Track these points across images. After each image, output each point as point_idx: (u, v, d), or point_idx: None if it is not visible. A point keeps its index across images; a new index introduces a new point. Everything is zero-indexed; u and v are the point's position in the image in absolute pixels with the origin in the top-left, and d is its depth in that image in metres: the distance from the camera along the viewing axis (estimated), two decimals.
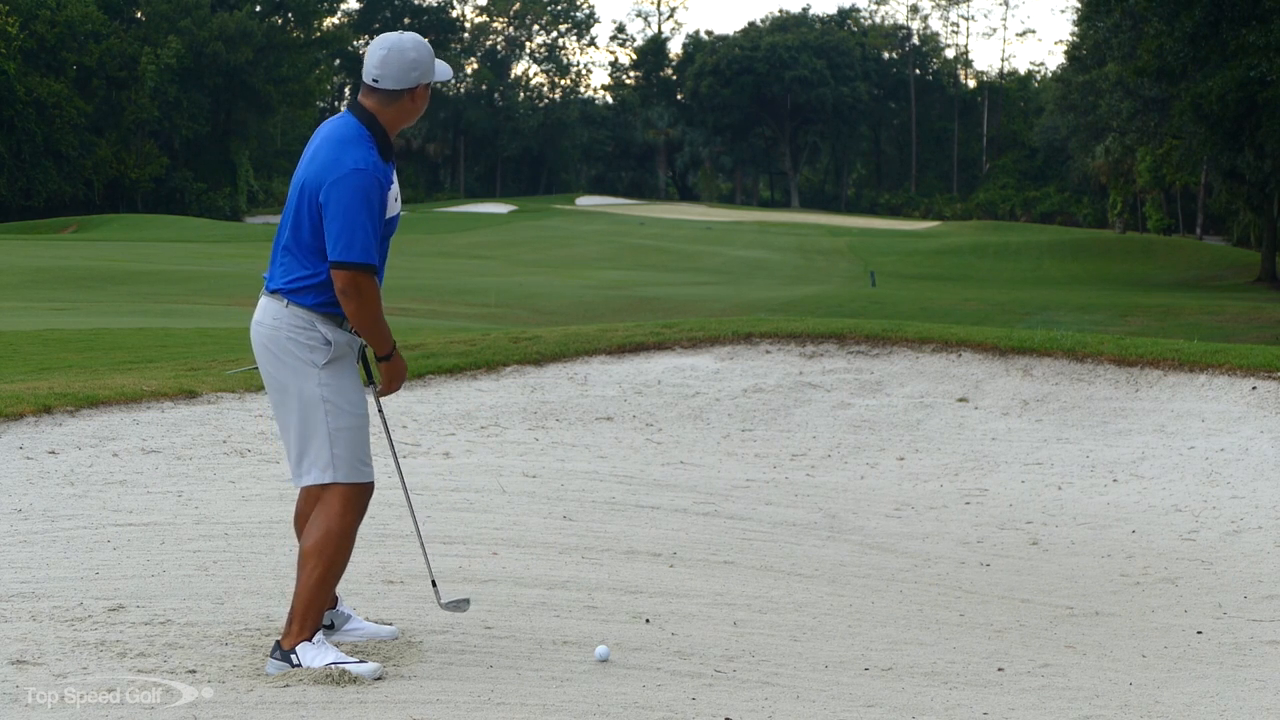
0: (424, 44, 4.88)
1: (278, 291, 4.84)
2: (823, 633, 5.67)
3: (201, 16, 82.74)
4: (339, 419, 4.80)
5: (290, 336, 4.81)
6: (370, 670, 4.71)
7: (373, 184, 4.71)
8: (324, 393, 4.80)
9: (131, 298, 28.66)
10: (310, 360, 4.81)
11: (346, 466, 4.81)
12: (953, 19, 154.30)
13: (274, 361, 4.86)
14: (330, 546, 4.78)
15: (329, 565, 4.78)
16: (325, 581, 4.79)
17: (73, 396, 9.30)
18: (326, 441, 4.80)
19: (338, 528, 4.79)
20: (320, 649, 4.76)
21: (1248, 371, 10.51)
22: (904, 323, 13.09)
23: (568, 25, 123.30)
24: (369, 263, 4.68)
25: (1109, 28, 46.63)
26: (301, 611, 4.77)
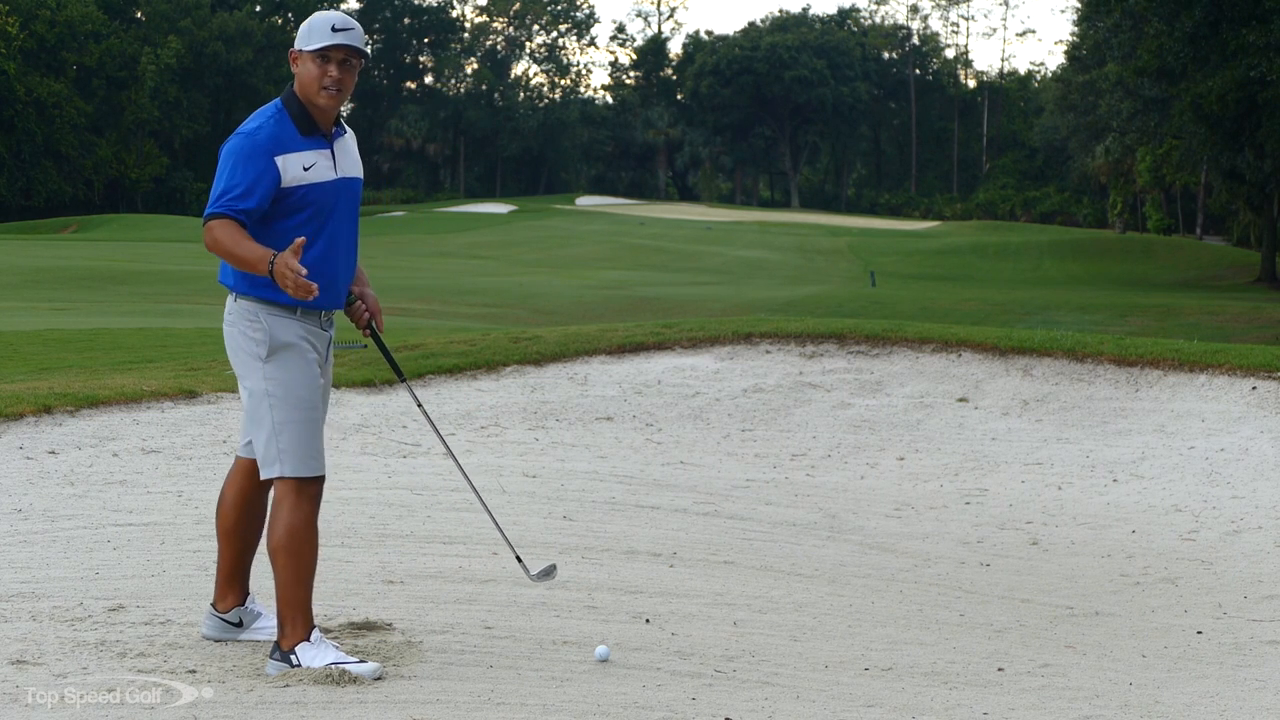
0: (312, 17, 4.91)
1: (224, 284, 4.93)
2: (823, 633, 5.67)
3: (201, 16, 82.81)
4: (283, 412, 4.80)
5: (241, 331, 4.86)
6: (370, 670, 4.71)
7: (242, 143, 4.75)
8: (268, 386, 4.81)
9: (131, 298, 28.66)
10: (255, 354, 4.83)
11: (294, 459, 4.80)
12: (953, 19, 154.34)
13: (230, 353, 4.94)
14: (294, 541, 4.78)
15: (298, 560, 4.77)
16: (300, 577, 4.78)
17: (73, 396, 9.30)
18: (273, 434, 4.80)
19: (297, 521, 4.79)
20: (319, 648, 4.75)
21: (1248, 371, 10.51)
22: (904, 323, 13.09)
23: (568, 25, 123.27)
24: (207, 213, 4.70)
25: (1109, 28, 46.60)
26: (287, 611, 4.77)
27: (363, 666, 4.72)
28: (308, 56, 4.83)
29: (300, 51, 4.85)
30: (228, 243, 4.67)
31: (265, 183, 4.72)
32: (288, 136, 4.80)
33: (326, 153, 4.87)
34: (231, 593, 5.09)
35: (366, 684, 4.65)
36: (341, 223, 4.92)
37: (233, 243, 4.67)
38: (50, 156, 76.31)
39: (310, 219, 4.83)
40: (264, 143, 4.75)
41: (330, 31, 4.81)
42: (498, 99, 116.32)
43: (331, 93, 4.83)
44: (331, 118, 4.90)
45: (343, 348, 12.37)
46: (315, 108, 4.85)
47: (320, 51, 4.80)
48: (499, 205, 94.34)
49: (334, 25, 4.82)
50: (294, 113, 4.84)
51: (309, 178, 4.81)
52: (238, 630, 5.08)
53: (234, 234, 4.68)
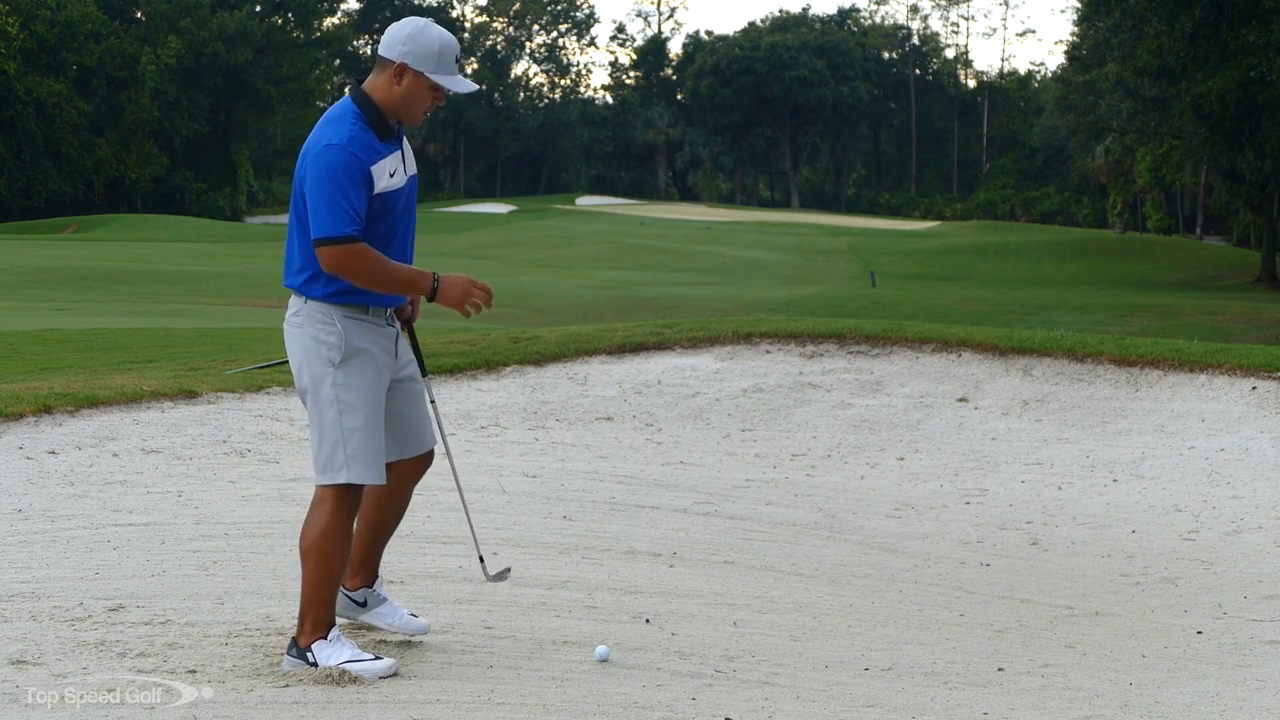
0: (432, 31, 4.79)
1: (293, 287, 4.85)
2: (823, 633, 5.67)
3: (201, 16, 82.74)
4: (353, 418, 4.77)
5: (312, 335, 4.80)
6: (385, 667, 4.73)
7: (345, 158, 4.64)
8: (338, 393, 4.77)
9: (131, 298, 28.66)
10: (327, 359, 4.78)
11: (358, 466, 4.78)
12: (953, 19, 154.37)
13: (294, 359, 4.87)
14: (329, 544, 4.77)
15: (330, 563, 4.77)
16: (329, 579, 4.78)
17: (73, 396, 9.30)
18: (340, 441, 4.77)
19: (334, 525, 4.78)
20: (336, 646, 4.76)
21: (1248, 371, 10.51)
22: (904, 323, 13.09)
23: (568, 25, 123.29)
24: (338, 234, 4.60)
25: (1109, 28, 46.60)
26: (310, 610, 4.77)
27: (378, 664, 4.73)
28: (426, 84, 4.77)
29: (417, 74, 4.75)
30: (377, 265, 4.64)
31: (368, 196, 4.70)
32: (372, 144, 4.73)
33: (398, 155, 4.84)
34: (361, 572, 5.12)
35: (367, 684, 4.65)
36: (408, 220, 4.91)
37: (382, 264, 4.66)
38: (50, 156, 76.29)
39: (388, 223, 4.80)
40: (360, 154, 4.68)
41: (453, 62, 4.80)
42: (498, 99, 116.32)
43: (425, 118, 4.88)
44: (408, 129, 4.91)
45: None
46: (402, 122, 4.83)
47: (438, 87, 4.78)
48: (499, 205, 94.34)
49: (458, 57, 4.83)
50: (371, 117, 4.77)
51: (391, 184, 4.78)
52: (361, 610, 5.11)
53: (379, 256, 4.67)
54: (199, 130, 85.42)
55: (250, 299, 29.55)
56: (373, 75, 4.83)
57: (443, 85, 4.77)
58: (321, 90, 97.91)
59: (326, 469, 4.79)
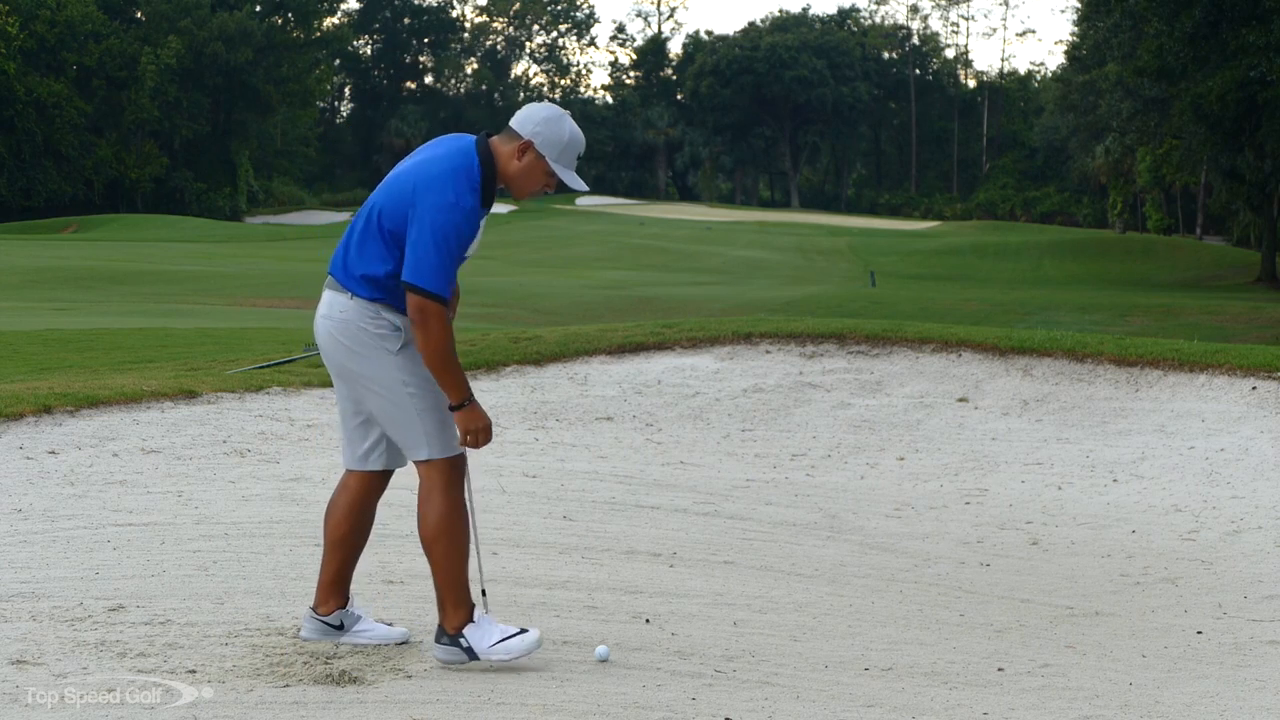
0: (566, 123, 4.92)
1: (340, 283, 4.90)
2: (823, 633, 5.67)
3: (201, 16, 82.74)
4: (420, 399, 4.88)
5: (361, 326, 4.87)
6: (535, 640, 4.88)
7: (467, 227, 4.77)
8: (403, 376, 4.87)
9: (131, 298, 28.67)
10: (384, 347, 4.86)
11: (440, 442, 4.90)
12: (953, 19, 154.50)
13: (345, 353, 4.91)
14: (452, 523, 4.88)
15: (457, 541, 4.88)
16: (459, 556, 4.89)
17: (73, 396, 9.30)
18: (418, 421, 4.88)
19: (449, 504, 4.90)
20: (484, 628, 4.87)
21: (1248, 371, 10.51)
22: (904, 323, 13.09)
23: (568, 25, 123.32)
24: (441, 294, 4.73)
25: (1109, 28, 46.64)
26: (449, 594, 4.88)
27: (528, 637, 4.88)
28: (546, 168, 4.89)
29: (540, 156, 4.87)
30: (448, 339, 4.80)
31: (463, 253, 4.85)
32: (480, 212, 4.86)
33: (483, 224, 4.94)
34: (334, 597, 5.12)
35: (366, 683, 4.66)
36: None
37: (451, 340, 4.82)
38: (50, 156, 76.29)
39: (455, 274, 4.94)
40: (475, 224, 4.82)
41: (574, 158, 4.94)
42: (498, 99, 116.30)
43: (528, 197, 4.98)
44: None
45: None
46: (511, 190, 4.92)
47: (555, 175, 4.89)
48: (499, 205, 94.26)
49: (580, 153, 4.95)
50: (486, 178, 4.85)
51: (471, 252, 4.92)
52: (339, 633, 5.11)
53: (449, 335, 4.80)
54: (199, 130, 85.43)
55: (250, 299, 29.55)
56: (499, 139, 4.92)
57: (558, 175, 4.91)
58: (321, 90, 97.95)
59: (412, 448, 4.91)
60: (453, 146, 4.91)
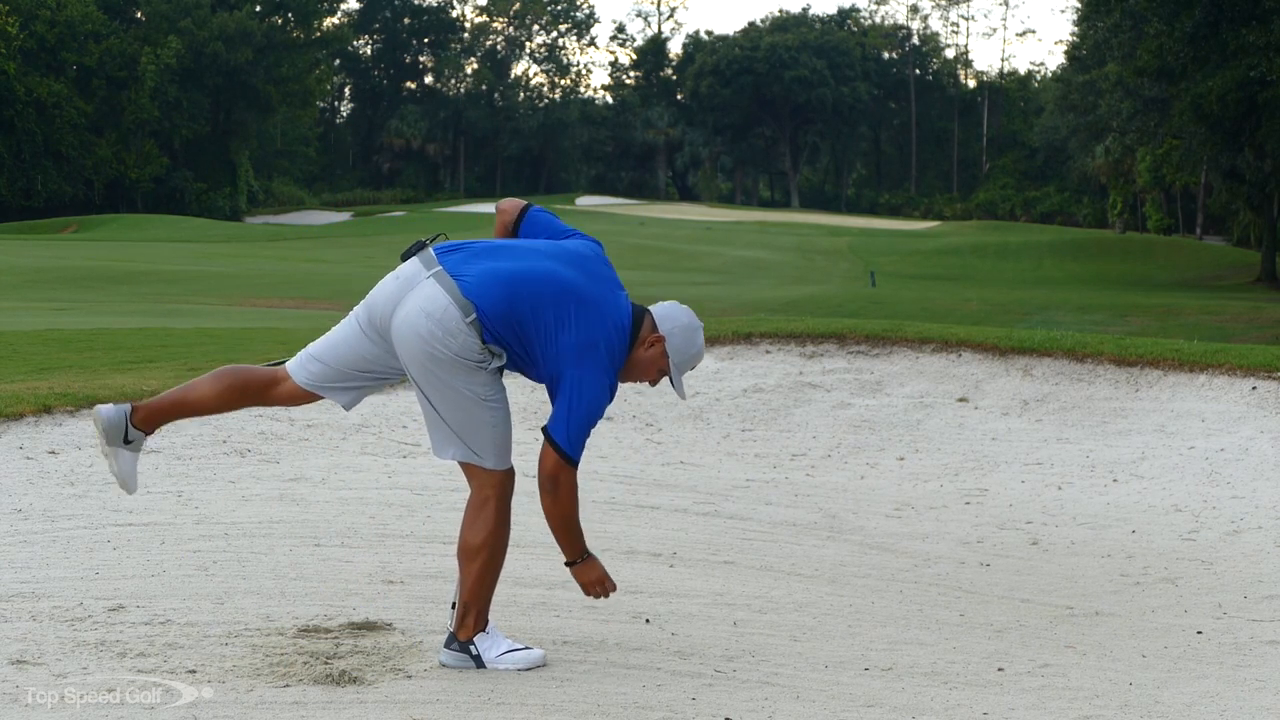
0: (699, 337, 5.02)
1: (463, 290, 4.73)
2: (823, 633, 5.67)
3: (201, 16, 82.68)
4: (499, 412, 4.93)
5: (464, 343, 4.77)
6: (538, 656, 4.90)
7: (608, 400, 4.87)
8: (487, 391, 4.87)
9: (131, 298, 28.66)
10: (481, 365, 4.82)
11: (504, 454, 4.98)
12: (953, 19, 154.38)
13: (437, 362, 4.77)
14: (496, 538, 4.92)
15: (495, 556, 4.92)
16: (494, 575, 4.94)
17: (73, 396, 9.30)
18: (489, 431, 4.90)
19: (501, 516, 4.94)
20: (493, 638, 4.90)
21: (1248, 371, 10.51)
22: (904, 323, 13.10)
23: (568, 25, 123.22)
24: (574, 456, 4.80)
25: (1109, 28, 46.58)
26: (474, 604, 4.90)
27: (533, 653, 4.90)
28: (663, 367, 4.96)
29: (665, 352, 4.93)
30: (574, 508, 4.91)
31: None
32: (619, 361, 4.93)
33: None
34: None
35: (366, 683, 4.65)
36: None
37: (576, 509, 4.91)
38: (50, 156, 76.24)
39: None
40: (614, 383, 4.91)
41: (691, 369, 5.05)
42: (498, 99, 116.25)
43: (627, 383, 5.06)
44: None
45: None
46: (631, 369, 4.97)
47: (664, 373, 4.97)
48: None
49: (695, 366, 5.06)
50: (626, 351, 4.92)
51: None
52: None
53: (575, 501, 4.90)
54: (199, 130, 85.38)
55: (250, 299, 29.55)
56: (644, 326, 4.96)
57: (670, 375, 4.98)
58: (321, 90, 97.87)
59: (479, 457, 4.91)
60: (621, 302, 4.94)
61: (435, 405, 4.88)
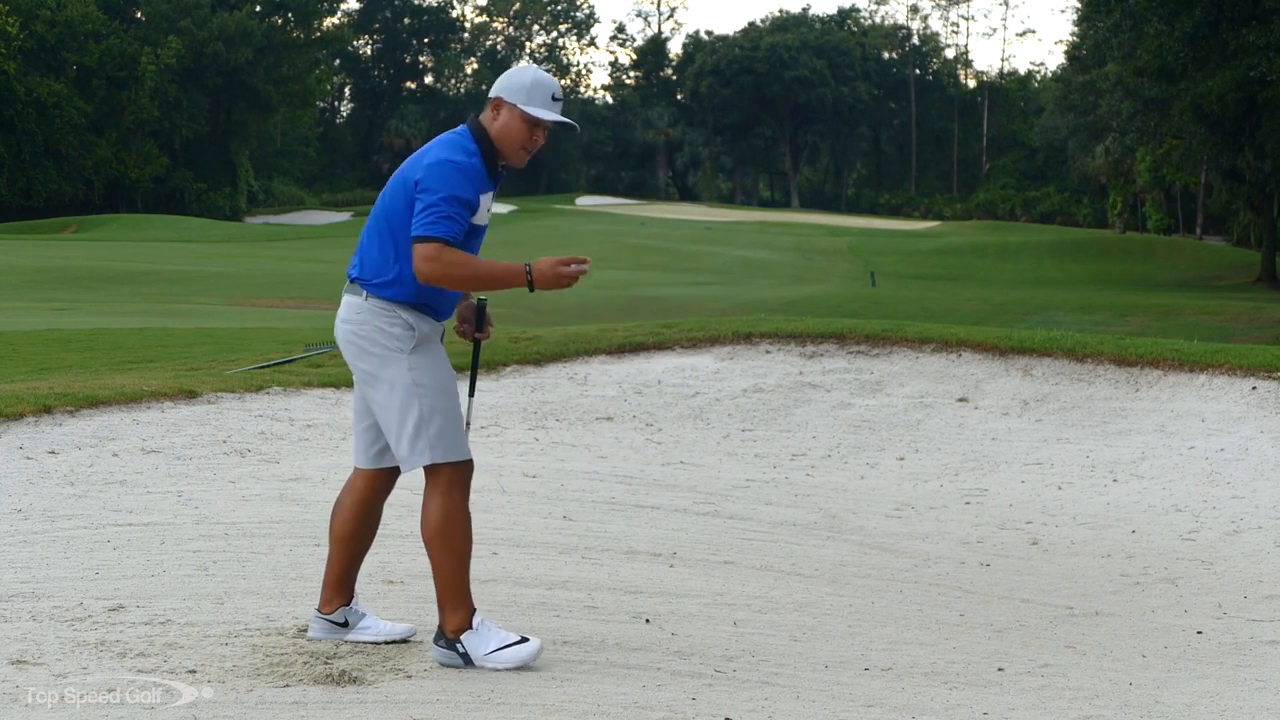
0: (529, 69, 4.93)
1: (358, 282, 4.93)
2: (823, 633, 5.67)
3: (201, 16, 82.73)
4: (430, 400, 4.87)
5: (377, 326, 4.90)
6: (535, 649, 4.85)
7: (463, 175, 4.77)
8: (415, 376, 4.87)
9: (131, 298, 28.67)
10: (398, 347, 4.88)
11: (445, 445, 4.88)
12: (953, 19, 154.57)
13: (361, 354, 4.94)
14: (449, 526, 4.88)
15: (452, 545, 4.88)
16: (455, 562, 4.88)
17: (73, 396, 9.30)
18: (422, 423, 4.87)
19: (449, 507, 4.89)
20: (483, 634, 4.86)
21: (1248, 371, 10.52)
22: (904, 323, 13.10)
23: (568, 25, 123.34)
24: (440, 236, 4.70)
25: (1109, 28, 46.61)
26: (446, 596, 4.88)
27: (528, 646, 4.85)
28: (519, 115, 4.86)
29: (513, 106, 4.86)
30: (469, 264, 4.72)
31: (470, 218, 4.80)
32: (483, 175, 4.85)
33: (490, 195, 4.94)
34: (338, 596, 5.13)
35: (367, 683, 4.66)
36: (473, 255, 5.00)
37: (474, 263, 4.74)
38: (50, 156, 76.29)
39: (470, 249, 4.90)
40: (475, 181, 4.81)
41: (551, 101, 4.87)
42: None
43: (527, 156, 4.93)
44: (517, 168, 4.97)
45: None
46: (507, 160, 4.91)
47: (536, 120, 4.85)
48: (499, 205, 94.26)
49: (554, 94, 4.88)
50: (485, 150, 4.88)
51: (481, 220, 4.90)
52: (344, 630, 5.12)
53: (469, 256, 4.74)
54: (199, 130, 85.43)
55: (250, 299, 29.55)
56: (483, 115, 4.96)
57: (531, 114, 4.85)
58: (321, 90, 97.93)
59: (414, 453, 4.88)
60: (444, 134, 4.98)
61: (378, 405, 4.94)
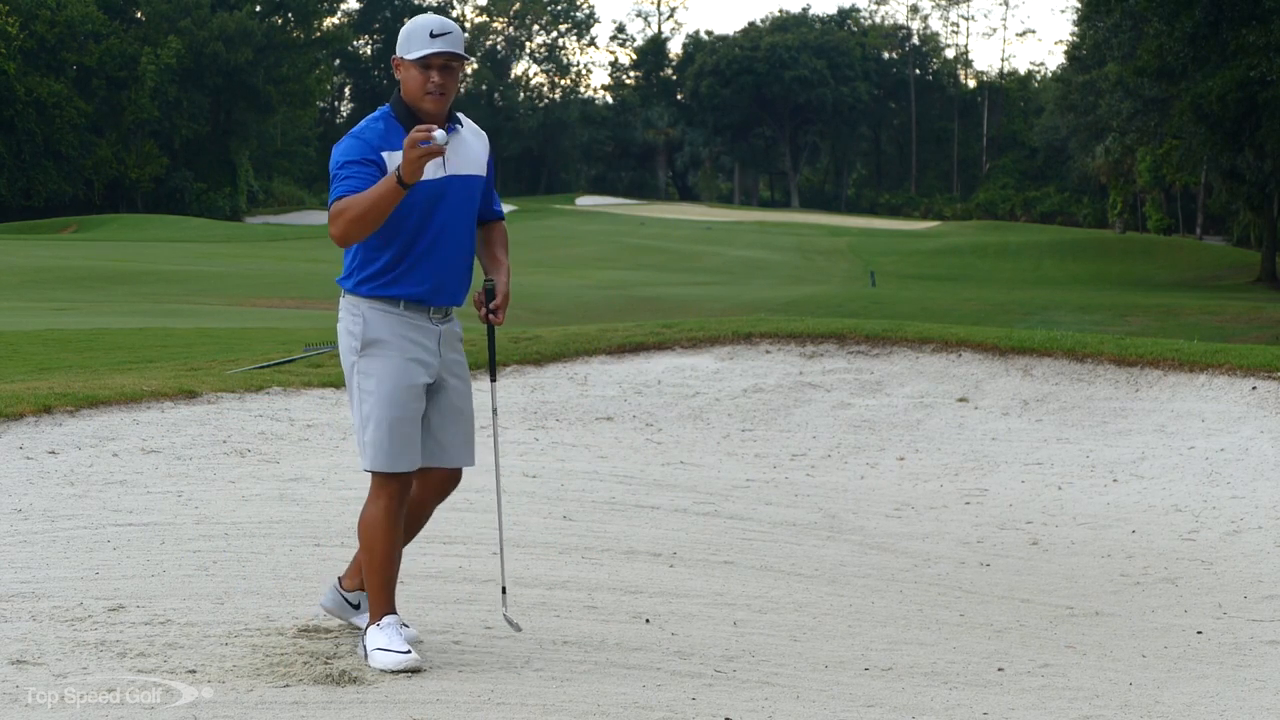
0: (410, 22, 4.95)
1: (338, 281, 5.07)
2: (823, 633, 5.67)
3: (201, 16, 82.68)
4: (369, 405, 4.90)
5: (344, 325, 5.00)
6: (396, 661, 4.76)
7: (356, 144, 4.84)
8: (359, 380, 4.93)
9: (131, 298, 28.66)
10: (351, 347, 4.95)
11: (373, 452, 4.90)
12: (953, 19, 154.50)
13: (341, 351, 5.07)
14: (370, 531, 4.93)
15: (370, 549, 4.92)
16: (372, 564, 4.92)
17: (73, 396, 9.30)
18: (363, 427, 4.93)
19: (374, 513, 4.94)
20: (383, 632, 4.84)
21: (1248, 371, 10.52)
22: (904, 323, 13.10)
23: (568, 25, 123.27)
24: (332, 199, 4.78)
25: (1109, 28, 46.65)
26: (369, 592, 4.95)
27: (394, 657, 4.77)
28: (409, 64, 4.90)
29: (402, 59, 4.91)
30: (354, 204, 4.72)
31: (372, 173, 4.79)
32: (395, 136, 4.87)
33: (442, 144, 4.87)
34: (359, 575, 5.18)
35: (367, 683, 4.65)
36: (452, 219, 4.97)
37: (359, 199, 4.73)
38: (50, 156, 76.25)
39: (414, 214, 4.87)
40: (372, 140, 4.86)
41: (429, 38, 4.86)
42: (498, 99, 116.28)
43: (435, 97, 4.90)
44: (438, 119, 4.91)
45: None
46: (421, 111, 4.91)
47: (422, 59, 4.86)
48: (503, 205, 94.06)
49: (432, 31, 4.87)
50: (399, 115, 4.93)
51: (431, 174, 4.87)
52: (354, 612, 5.17)
53: (355, 197, 4.74)
54: (199, 130, 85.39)
55: (250, 299, 29.55)
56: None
57: (408, 58, 4.87)
58: (321, 90, 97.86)
59: (359, 454, 5.00)
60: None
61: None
